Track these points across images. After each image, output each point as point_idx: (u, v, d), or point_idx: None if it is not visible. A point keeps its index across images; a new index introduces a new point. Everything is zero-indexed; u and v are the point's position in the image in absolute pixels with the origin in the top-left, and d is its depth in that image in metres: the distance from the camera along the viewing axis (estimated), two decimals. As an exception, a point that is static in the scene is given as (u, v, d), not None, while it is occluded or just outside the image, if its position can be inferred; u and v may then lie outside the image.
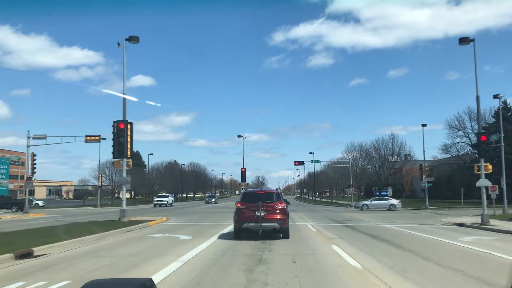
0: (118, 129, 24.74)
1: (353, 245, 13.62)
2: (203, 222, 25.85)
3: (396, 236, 17.03)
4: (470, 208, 48.90)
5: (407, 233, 18.40)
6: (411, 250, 12.54)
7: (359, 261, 10.23)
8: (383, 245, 13.95)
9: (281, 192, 16.42)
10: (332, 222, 26.41)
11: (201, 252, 11.87)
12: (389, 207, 47.83)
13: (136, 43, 25.91)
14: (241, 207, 15.26)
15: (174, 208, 53.57)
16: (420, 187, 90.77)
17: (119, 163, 25.07)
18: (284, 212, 15.25)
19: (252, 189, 18.55)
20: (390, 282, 7.80)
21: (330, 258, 10.88)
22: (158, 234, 17.66)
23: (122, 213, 24.60)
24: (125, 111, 25.63)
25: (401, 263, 10.08)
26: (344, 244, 13.80)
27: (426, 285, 7.61)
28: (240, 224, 15.04)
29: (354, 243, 14.38)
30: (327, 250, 12.53)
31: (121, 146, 24.57)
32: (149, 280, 2.17)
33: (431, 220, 29.37)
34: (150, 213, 39.89)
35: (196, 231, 19.00)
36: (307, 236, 16.88)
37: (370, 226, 22.88)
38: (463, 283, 7.87)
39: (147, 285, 2.09)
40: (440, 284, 7.91)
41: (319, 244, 14.18)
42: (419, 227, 22.66)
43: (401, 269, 9.24)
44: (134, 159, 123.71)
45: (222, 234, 17.56)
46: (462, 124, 66.47)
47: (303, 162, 67.24)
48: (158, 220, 26.50)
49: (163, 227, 22.16)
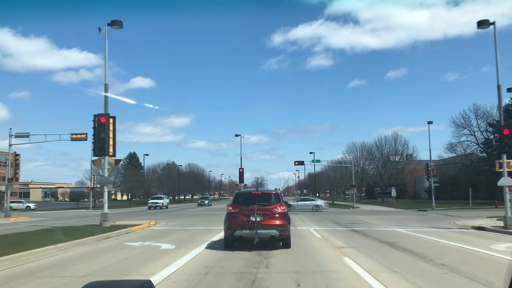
0: (98, 123, 22.20)
1: (370, 258, 11.07)
2: (194, 226, 23.29)
3: (416, 244, 14.47)
4: (479, 209, 46.39)
5: (428, 240, 15.85)
6: (445, 264, 9.98)
7: (384, 282, 7.71)
8: (406, 257, 11.39)
9: (281, 193, 13.85)
10: (337, 225, 23.88)
11: (179, 270, 9.30)
12: (313, 208, 46.93)
13: (119, 28, 23.35)
14: (233, 210, 12.72)
15: (168, 211, 50.96)
16: (423, 188, 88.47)
17: (100, 162, 22.49)
18: (285, 216, 12.72)
19: (246, 190, 15.77)
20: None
21: (345, 277, 8.35)
22: (137, 243, 15.10)
23: (103, 218, 22.03)
24: (107, 104, 23.10)
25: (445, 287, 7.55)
26: (359, 256, 11.25)
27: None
28: (231, 231, 12.50)
29: (370, 254, 11.84)
30: (339, 265, 9.97)
31: (102, 143, 22.04)
32: (148, 281, 2.07)
33: (444, 222, 26.87)
34: (141, 216, 37.29)
35: (183, 239, 16.44)
36: (311, 244, 14.31)
37: (380, 230, 20.35)
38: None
39: (145, 286, 1.99)
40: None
41: (327, 256, 11.63)
42: (436, 231, 20.14)
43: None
44: (131, 161, 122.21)
45: (212, 242, 15.01)
46: (468, 122, 63.92)
47: (303, 162, 64.71)
48: (145, 224, 23.93)
49: (148, 233, 19.60)
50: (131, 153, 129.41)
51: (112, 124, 22.81)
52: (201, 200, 77.65)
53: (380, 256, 11.37)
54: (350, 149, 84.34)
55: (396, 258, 11.10)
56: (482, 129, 63.62)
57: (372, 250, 12.79)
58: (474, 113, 63.24)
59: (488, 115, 62.51)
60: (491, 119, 62.24)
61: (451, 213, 40.56)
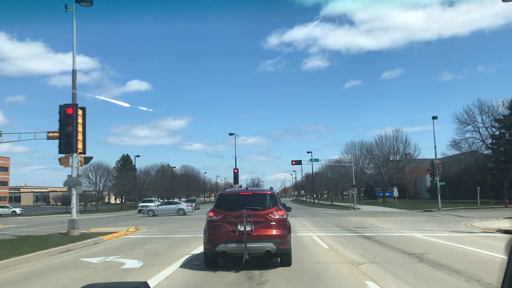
0: (65, 115, 19.07)
1: (404, 282, 7.98)
2: (177, 233, 20.13)
3: (451, 256, 11.35)
4: (488, 209, 43.48)
5: (462, 251, 12.73)
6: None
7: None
8: (454, 279, 8.29)
9: (278, 194, 10.72)
10: (343, 230, 20.81)
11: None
12: (177, 211, 45.30)
13: (89, 6, 20.20)
14: (214, 217, 9.60)
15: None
16: (425, 187, 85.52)
17: (67, 160, 19.31)
18: (284, 224, 9.62)
19: (233, 190, 12.37)
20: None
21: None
22: (98, 258, 11.95)
23: (71, 225, 18.86)
24: (75, 93, 19.92)
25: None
26: (387, 280, 8.15)
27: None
28: (213, 246, 9.38)
29: (399, 274, 8.73)
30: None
31: (69, 138, 18.89)
32: (144, 283, 2.06)
33: (460, 225, 23.87)
34: (126, 220, 34.13)
35: (157, 252, 13.31)
36: (318, 259, 11.20)
37: (395, 236, 17.29)
38: None
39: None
40: None
41: (343, 278, 8.51)
42: (459, 236, 17.12)
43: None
44: (124, 163, 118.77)
45: (191, 257, 11.89)
46: (472, 118, 60.95)
47: (300, 161, 61.57)
48: (122, 232, 20.77)
49: (119, 243, 16.45)
50: (124, 155, 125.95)
51: (82, 116, 19.70)
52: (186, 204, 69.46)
53: (417, 279, 8.26)
54: (348, 148, 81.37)
55: (441, 283, 8.03)
56: (487, 125, 60.78)
57: (400, 267, 9.69)
58: (479, 109, 60.33)
59: (494, 110, 59.70)
60: (497, 114, 59.50)
61: (459, 213, 37.63)
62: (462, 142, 62.31)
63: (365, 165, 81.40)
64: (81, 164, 19.54)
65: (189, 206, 50.55)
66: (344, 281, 8.17)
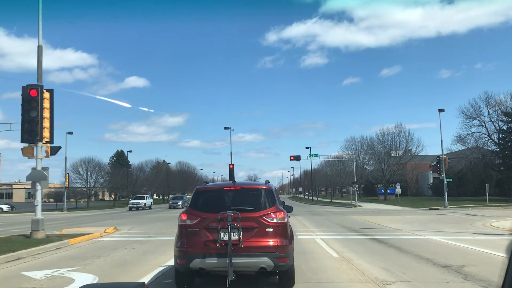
0: (28, 98, 16.34)
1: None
2: (159, 235, 17.45)
3: (497, 269, 8.78)
4: (497, 207, 41.04)
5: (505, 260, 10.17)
6: None
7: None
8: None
9: (276, 189, 8.03)
10: (350, 232, 18.22)
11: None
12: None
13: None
14: (188, 222, 6.96)
15: (146, 212, 45.00)
16: (427, 184, 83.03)
17: (31, 150, 16.58)
18: (284, 231, 6.97)
19: (215, 184, 9.45)
20: None
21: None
22: (44, 272, 9.28)
23: (34, 226, 16.16)
24: (40, 71, 17.20)
25: None
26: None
27: None
28: (185, 261, 6.73)
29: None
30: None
31: (33, 124, 16.18)
32: (141, 284, 2.05)
33: (478, 224, 21.39)
34: (112, 219, 31.44)
35: (124, 262, 10.65)
36: (328, 275, 8.51)
37: (413, 240, 14.70)
38: None
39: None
40: None
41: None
42: (486, 240, 14.61)
43: None
44: (118, 159, 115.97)
45: (167, 269, 9.26)
46: (478, 112, 58.32)
47: (299, 156, 58.67)
48: (97, 233, 18.08)
49: (86, 249, 13.77)
50: (118, 151, 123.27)
51: (49, 100, 16.98)
52: (172, 201, 60.28)
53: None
54: (349, 144, 78.54)
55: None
56: (493, 119, 58.18)
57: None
58: (485, 102, 57.69)
59: (501, 104, 57.09)
60: (504, 107, 56.90)
61: (468, 211, 35.10)
62: (467, 137, 59.78)
63: (366, 161, 78.76)
64: (48, 155, 16.79)
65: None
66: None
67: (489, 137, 58.78)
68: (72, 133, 59.86)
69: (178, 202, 58.00)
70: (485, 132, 58.78)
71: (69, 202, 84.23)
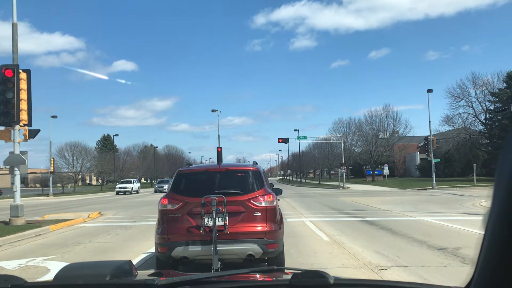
0: (3, 78, 15.52)
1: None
2: (144, 220, 16.92)
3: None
4: (484, 187, 41.21)
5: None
6: None
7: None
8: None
9: (264, 171, 7.55)
10: (339, 213, 17.91)
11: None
12: None
13: None
14: (170, 207, 6.46)
15: (133, 197, 44.41)
16: (414, 165, 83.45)
17: (9, 134, 15.84)
18: (273, 215, 6.51)
19: (199, 166, 9.01)
20: None
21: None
22: (18, 262, 8.74)
23: (13, 212, 15.52)
24: (16, 50, 16.34)
25: None
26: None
27: None
28: (167, 249, 6.25)
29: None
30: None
31: (9, 106, 15.44)
32: (128, 262, 2.03)
33: (467, 205, 21.26)
34: (98, 204, 30.79)
35: (105, 249, 10.15)
36: (319, 259, 8.12)
37: (405, 221, 14.42)
38: None
39: (125, 267, 1.94)
40: None
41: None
42: (479, 220, 14.29)
43: None
44: (105, 143, 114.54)
45: (150, 256, 8.80)
46: (465, 92, 58.37)
47: (287, 139, 58.37)
48: (80, 219, 17.50)
49: (66, 235, 13.22)
50: (105, 135, 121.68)
51: (26, 81, 16.16)
52: (158, 185, 57.46)
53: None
54: (336, 126, 78.29)
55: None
56: (480, 99, 58.32)
57: (441, 273, 6.70)
58: (473, 83, 57.73)
59: (488, 84, 57.15)
60: (491, 87, 57.00)
61: (456, 191, 35.21)
62: (455, 118, 59.93)
63: (354, 142, 78.78)
64: (26, 138, 16.07)
65: None
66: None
67: (476, 118, 59.05)
68: (56, 117, 58.59)
69: (164, 186, 54.82)
70: (472, 113, 59.01)
71: (55, 187, 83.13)
